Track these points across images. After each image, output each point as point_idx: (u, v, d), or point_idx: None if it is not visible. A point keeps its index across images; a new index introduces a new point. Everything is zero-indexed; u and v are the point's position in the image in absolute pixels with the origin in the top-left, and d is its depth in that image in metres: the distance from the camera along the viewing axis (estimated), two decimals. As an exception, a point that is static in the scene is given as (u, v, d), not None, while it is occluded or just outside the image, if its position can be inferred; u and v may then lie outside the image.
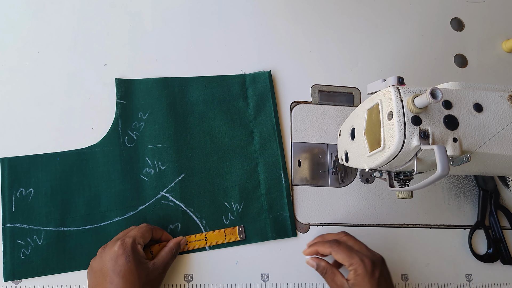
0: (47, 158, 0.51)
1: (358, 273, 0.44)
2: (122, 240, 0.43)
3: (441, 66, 0.63)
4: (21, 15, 0.55)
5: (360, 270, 0.44)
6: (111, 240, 0.45)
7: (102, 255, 0.43)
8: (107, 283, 0.42)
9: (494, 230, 0.57)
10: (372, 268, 0.44)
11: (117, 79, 0.54)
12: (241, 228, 0.52)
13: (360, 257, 0.45)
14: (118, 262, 0.42)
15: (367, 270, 0.44)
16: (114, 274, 0.42)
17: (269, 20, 0.61)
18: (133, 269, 0.42)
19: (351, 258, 0.44)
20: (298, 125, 0.57)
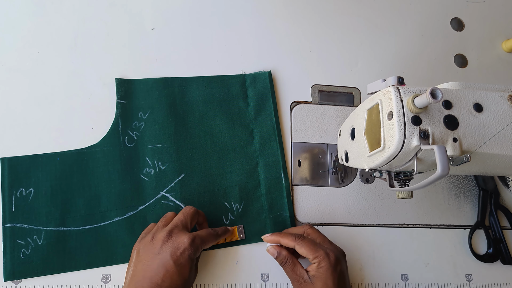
0: (47, 158, 0.51)
1: (322, 266, 0.44)
2: (197, 235, 0.44)
3: (441, 66, 0.63)
4: (21, 15, 0.55)
5: (324, 263, 0.44)
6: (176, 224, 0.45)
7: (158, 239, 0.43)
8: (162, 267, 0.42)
9: (494, 230, 0.57)
10: (335, 262, 0.45)
11: (117, 79, 0.54)
12: (241, 228, 0.52)
13: (325, 250, 0.45)
14: (183, 254, 0.42)
15: (331, 264, 0.44)
16: (173, 262, 0.42)
17: (269, 20, 0.61)
18: (191, 266, 0.43)
19: (316, 252, 0.45)
20: (298, 125, 0.57)
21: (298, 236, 0.47)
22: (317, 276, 0.44)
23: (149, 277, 0.42)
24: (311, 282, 0.45)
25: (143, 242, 0.45)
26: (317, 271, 0.45)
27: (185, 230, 0.45)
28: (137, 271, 0.43)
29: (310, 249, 0.45)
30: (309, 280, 0.45)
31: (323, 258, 0.45)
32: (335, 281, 0.44)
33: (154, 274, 0.42)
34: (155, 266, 0.42)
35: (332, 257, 0.45)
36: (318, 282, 0.44)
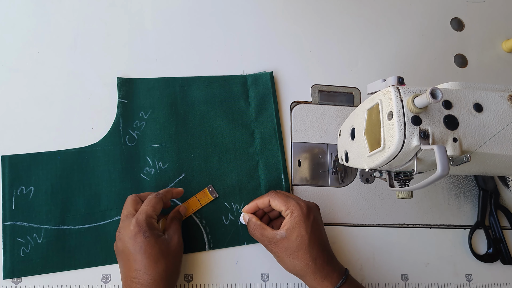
0: (48, 157, 0.51)
1: (294, 216, 0.45)
2: (136, 218, 0.43)
3: (441, 66, 0.63)
4: (21, 15, 0.55)
5: (296, 213, 0.45)
6: (122, 220, 0.45)
7: (120, 238, 0.44)
8: (132, 262, 0.42)
9: (494, 230, 0.57)
10: (307, 211, 0.46)
11: (118, 78, 0.54)
12: (211, 188, 0.52)
13: (296, 201, 0.46)
14: (137, 240, 0.42)
15: (303, 212, 0.45)
16: (135, 252, 0.42)
17: (269, 20, 0.61)
18: (153, 243, 0.43)
19: (288, 203, 0.46)
20: (298, 125, 0.57)
21: (270, 191, 0.49)
22: (291, 227, 0.45)
23: (128, 275, 0.42)
24: (286, 237, 0.45)
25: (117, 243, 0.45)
26: (290, 222, 0.45)
27: (130, 217, 0.44)
28: (121, 272, 0.44)
29: (283, 200, 0.46)
30: (283, 235, 0.45)
31: (295, 208, 0.45)
32: (309, 229, 0.45)
33: (130, 271, 0.42)
34: (126, 264, 0.43)
35: (304, 207, 0.46)
36: (292, 233, 0.45)
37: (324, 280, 0.44)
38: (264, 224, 0.48)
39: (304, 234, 0.44)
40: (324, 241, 0.46)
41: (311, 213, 0.46)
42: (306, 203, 0.47)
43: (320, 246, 0.45)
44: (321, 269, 0.44)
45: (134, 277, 0.42)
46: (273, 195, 0.48)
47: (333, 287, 0.44)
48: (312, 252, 0.44)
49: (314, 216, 0.46)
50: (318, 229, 0.46)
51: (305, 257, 0.44)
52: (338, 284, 0.44)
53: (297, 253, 0.44)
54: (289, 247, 0.45)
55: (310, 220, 0.45)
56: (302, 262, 0.44)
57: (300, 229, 0.44)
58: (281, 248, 0.45)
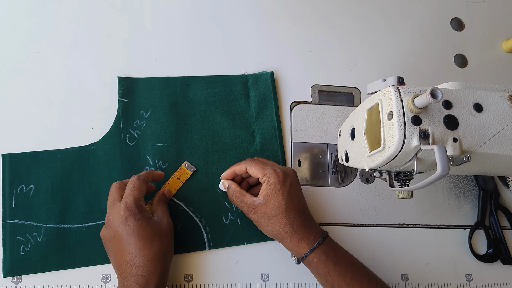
0: (48, 155, 0.51)
1: (271, 182, 0.46)
2: (124, 203, 0.44)
3: (441, 66, 0.63)
4: (21, 15, 0.55)
5: (273, 179, 0.46)
6: (109, 207, 0.45)
7: (110, 224, 0.44)
8: (125, 246, 0.42)
9: (494, 230, 0.57)
10: (284, 177, 0.46)
11: (119, 77, 0.54)
12: (187, 164, 0.52)
13: (273, 167, 0.47)
14: (128, 224, 0.43)
15: (279, 178, 0.46)
16: (128, 236, 0.42)
17: (270, 20, 0.61)
18: (145, 225, 0.43)
19: (264, 169, 0.47)
20: (298, 125, 0.57)
21: (247, 159, 0.50)
22: (268, 194, 0.46)
23: (122, 260, 0.43)
24: (264, 203, 0.46)
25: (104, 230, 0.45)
26: (267, 189, 0.46)
27: (116, 202, 0.45)
28: (113, 260, 0.44)
29: (259, 167, 0.47)
30: (261, 202, 0.46)
31: (272, 174, 0.46)
32: (285, 195, 0.45)
33: (124, 254, 0.42)
34: (119, 248, 0.43)
35: (280, 173, 0.46)
36: (269, 199, 0.46)
37: (301, 242, 0.45)
38: (243, 191, 0.48)
39: (281, 199, 0.45)
40: (301, 205, 0.47)
41: (288, 179, 0.46)
42: (282, 169, 0.47)
43: (297, 211, 0.46)
44: (298, 232, 0.45)
45: (130, 260, 0.42)
46: (250, 162, 0.48)
47: (309, 248, 0.45)
48: (289, 216, 0.45)
49: (290, 182, 0.47)
50: (295, 194, 0.47)
51: (282, 221, 0.45)
52: (314, 245, 0.45)
53: (275, 218, 0.45)
54: (267, 213, 0.46)
55: (286, 186, 0.46)
56: (280, 226, 0.45)
57: (277, 195, 0.45)
58: (259, 214, 0.46)
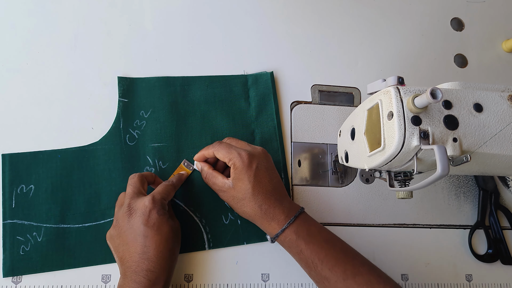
0: (48, 155, 0.51)
1: (236, 166, 0.46)
2: (152, 196, 0.44)
3: (441, 66, 0.63)
4: (21, 15, 0.55)
5: (238, 163, 0.45)
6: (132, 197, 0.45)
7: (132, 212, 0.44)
8: (141, 237, 0.43)
9: (494, 230, 0.57)
10: (249, 160, 0.46)
11: (119, 77, 0.54)
12: (186, 162, 0.52)
13: (238, 151, 0.46)
14: (151, 216, 0.43)
15: (244, 162, 0.45)
16: (147, 227, 0.43)
17: (270, 20, 0.61)
18: (165, 221, 0.44)
19: (230, 153, 0.46)
20: (298, 125, 0.57)
21: (215, 143, 0.49)
22: (235, 177, 0.46)
23: (134, 252, 0.42)
24: (232, 186, 0.46)
25: (112, 230, 0.45)
26: (234, 172, 0.46)
27: (141, 196, 0.45)
28: (122, 254, 0.44)
29: (225, 151, 0.47)
30: (230, 185, 0.46)
31: (237, 158, 0.46)
32: (251, 178, 0.45)
33: (138, 247, 0.42)
34: (134, 240, 0.43)
35: (245, 156, 0.46)
36: (237, 183, 0.46)
37: (271, 222, 0.46)
38: (215, 172, 0.48)
39: (247, 183, 0.45)
40: (270, 187, 0.46)
41: (254, 162, 0.46)
42: (248, 152, 0.46)
43: (265, 193, 0.46)
44: (267, 213, 0.45)
45: (143, 253, 0.42)
46: (217, 146, 0.48)
47: (280, 228, 0.45)
48: (257, 199, 0.45)
49: (257, 164, 0.46)
50: (263, 176, 0.46)
51: (250, 204, 0.45)
52: (285, 224, 0.45)
53: (243, 201, 0.46)
54: (235, 196, 0.46)
55: (252, 169, 0.45)
56: (249, 209, 0.46)
57: (243, 179, 0.45)
58: (229, 197, 0.47)
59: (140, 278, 0.41)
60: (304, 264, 0.46)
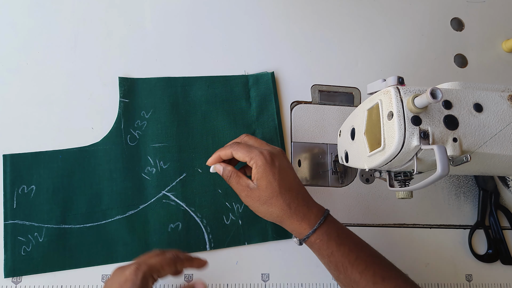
0: (49, 156, 0.51)
1: (259, 165, 0.44)
2: (138, 266, 0.40)
3: (441, 66, 0.63)
4: (21, 15, 0.55)
5: (260, 161, 0.44)
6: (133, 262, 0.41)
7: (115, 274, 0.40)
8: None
9: (494, 230, 0.57)
10: (271, 158, 0.44)
11: (120, 77, 0.54)
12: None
13: (259, 150, 0.45)
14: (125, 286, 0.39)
15: (267, 160, 0.44)
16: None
17: (270, 20, 0.61)
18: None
19: (250, 153, 0.44)
20: (298, 125, 0.57)
21: (233, 143, 0.47)
22: (259, 177, 0.44)
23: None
24: (257, 187, 0.44)
25: None
26: (257, 172, 0.44)
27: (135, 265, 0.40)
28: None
29: (245, 151, 0.45)
30: (255, 186, 0.44)
31: (258, 157, 0.44)
32: (276, 175, 0.44)
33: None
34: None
35: (267, 154, 0.44)
36: (261, 182, 0.44)
37: (302, 222, 0.44)
38: (240, 172, 0.46)
39: (273, 181, 0.44)
40: (295, 185, 0.45)
41: (275, 159, 0.44)
42: (268, 150, 0.45)
43: (292, 191, 0.44)
44: (297, 212, 0.44)
45: None
46: (235, 146, 0.46)
47: (311, 228, 0.43)
48: (285, 197, 0.44)
49: (279, 162, 0.45)
50: (287, 174, 0.45)
51: (278, 203, 0.44)
52: (316, 224, 0.43)
53: (271, 200, 0.44)
54: (261, 196, 0.44)
55: (276, 167, 0.44)
56: (277, 209, 0.44)
57: (268, 177, 0.44)
58: (254, 198, 0.45)
59: None
60: (334, 267, 0.43)
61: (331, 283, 0.52)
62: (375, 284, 0.41)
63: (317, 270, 0.52)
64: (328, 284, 0.52)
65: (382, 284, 0.41)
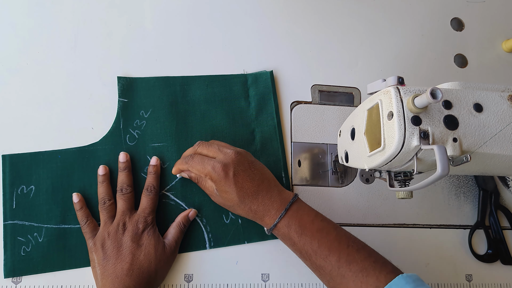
0: (48, 156, 0.51)
1: (215, 180, 0.45)
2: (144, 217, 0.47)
3: (441, 66, 0.63)
4: (21, 15, 0.55)
5: (215, 177, 0.45)
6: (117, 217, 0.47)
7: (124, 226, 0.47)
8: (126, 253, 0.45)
9: (494, 230, 0.57)
10: (224, 171, 0.45)
11: (119, 77, 0.54)
12: None
13: (212, 164, 0.45)
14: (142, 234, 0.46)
15: (220, 175, 0.45)
16: (134, 243, 0.46)
17: (269, 20, 0.61)
18: (154, 244, 0.46)
19: (204, 169, 0.46)
20: (298, 125, 0.57)
21: (187, 159, 0.48)
22: (218, 190, 0.46)
23: (120, 268, 0.45)
24: (219, 195, 0.47)
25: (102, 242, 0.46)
26: (216, 186, 0.46)
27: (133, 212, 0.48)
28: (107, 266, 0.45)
29: (200, 167, 0.46)
30: (218, 194, 0.47)
31: (212, 174, 0.45)
32: (232, 187, 0.45)
33: (124, 262, 0.45)
34: (122, 256, 0.45)
35: (219, 168, 0.45)
36: (222, 194, 0.46)
37: (264, 219, 0.46)
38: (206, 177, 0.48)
39: (230, 193, 0.45)
40: (255, 187, 0.46)
41: (229, 170, 0.45)
42: (221, 161, 0.45)
43: (251, 195, 0.46)
44: (257, 212, 0.46)
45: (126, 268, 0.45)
46: (190, 162, 0.47)
47: (272, 223, 0.45)
48: (245, 203, 0.46)
49: (233, 171, 0.45)
50: (243, 180, 0.45)
51: (240, 209, 0.46)
52: (276, 220, 0.45)
53: (233, 207, 0.47)
54: (225, 204, 0.47)
55: (230, 178, 0.45)
56: (241, 212, 0.47)
57: (226, 190, 0.45)
58: (220, 203, 0.48)
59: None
60: (299, 255, 0.46)
61: (331, 283, 0.52)
62: (340, 268, 0.42)
63: (317, 270, 0.52)
64: (328, 284, 0.52)
65: (348, 267, 0.42)
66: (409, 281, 0.39)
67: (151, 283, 0.46)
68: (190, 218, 0.51)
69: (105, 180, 0.49)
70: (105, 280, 0.44)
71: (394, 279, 0.40)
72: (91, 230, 0.47)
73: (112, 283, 0.44)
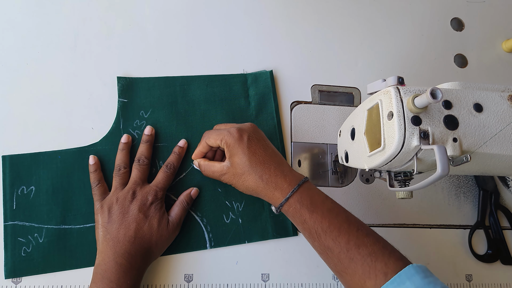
0: (48, 156, 0.51)
1: (229, 143, 0.46)
2: (156, 191, 0.48)
3: (441, 66, 0.63)
4: (21, 15, 0.55)
5: (229, 140, 0.46)
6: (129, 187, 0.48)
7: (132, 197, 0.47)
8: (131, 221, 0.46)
9: (494, 230, 0.57)
10: (239, 134, 0.46)
11: (118, 77, 0.54)
12: None
13: (228, 130, 0.47)
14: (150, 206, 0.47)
15: (235, 138, 0.46)
16: (141, 213, 0.46)
17: (269, 20, 0.61)
18: (159, 218, 0.47)
19: (219, 135, 0.47)
20: (298, 125, 0.57)
21: (205, 132, 0.50)
22: (231, 155, 0.46)
23: (123, 234, 0.45)
24: (230, 165, 0.47)
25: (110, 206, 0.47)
26: (228, 150, 0.46)
27: (145, 184, 0.49)
28: (110, 230, 0.45)
29: (216, 135, 0.47)
30: (228, 165, 0.47)
31: (227, 137, 0.46)
32: (246, 150, 0.46)
33: (127, 229, 0.45)
34: (126, 223, 0.46)
35: (235, 132, 0.46)
36: (233, 159, 0.46)
37: (275, 192, 0.45)
38: (209, 161, 0.49)
39: (243, 156, 0.45)
40: (267, 156, 0.46)
41: (244, 135, 0.46)
42: (237, 127, 0.47)
43: (263, 163, 0.46)
44: (269, 183, 0.45)
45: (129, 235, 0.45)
46: (207, 135, 0.49)
47: (283, 197, 0.45)
48: (256, 170, 0.45)
49: (248, 136, 0.46)
50: (257, 147, 0.46)
51: (250, 177, 0.46)
52: (289, 193, 0.44)
53: (243, 176, 0.46)
54: (236, 173, 0.46)
55: (244, 142, 0.46)
56: (251, 182, 0.46)
57: (238, 154, 0.46)
58: (230, 176, 0.47)
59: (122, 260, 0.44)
60: (308, 234, 0.45)
61: (331, 283, 0.52)
62: (349, 251, 0.42)
63: (317, 270, 0.52)
64: (328, 284, 0.52)
65: (357, 250, 0.42)
66: (419, 271, 0.39)
67: (149, 254, 0.46)
68: (193, 196, 0.51)
69: (125, 148, 0.50)
70: (106, 243, 0.45)
71: (404, 268, 0.39)
72: (100, 193, 0.48)
73: (114, 247, 0.44)
